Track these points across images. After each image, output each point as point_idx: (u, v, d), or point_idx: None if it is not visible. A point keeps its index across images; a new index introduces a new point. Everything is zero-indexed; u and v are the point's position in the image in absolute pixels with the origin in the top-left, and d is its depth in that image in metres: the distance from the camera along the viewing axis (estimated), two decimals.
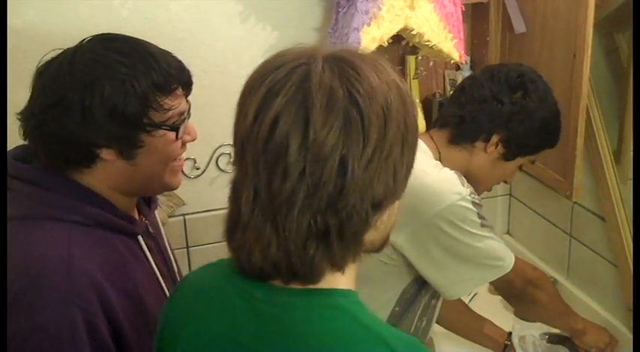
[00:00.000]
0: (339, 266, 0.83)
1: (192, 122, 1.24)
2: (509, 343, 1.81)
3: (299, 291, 0.84)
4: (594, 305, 1.95)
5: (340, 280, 0.86)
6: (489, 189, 1.64)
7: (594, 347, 1.76)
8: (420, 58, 2.00)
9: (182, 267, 2.02)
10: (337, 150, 0.76)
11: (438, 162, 1.49)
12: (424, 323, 1.60)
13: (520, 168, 1.62)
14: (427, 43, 1.83)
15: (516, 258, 1.52)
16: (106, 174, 1.16)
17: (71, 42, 1.17)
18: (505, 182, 1.69)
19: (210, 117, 1.94)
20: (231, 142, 1.90)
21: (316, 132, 0.76)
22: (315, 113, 0.76)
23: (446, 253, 1.43)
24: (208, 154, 1.99)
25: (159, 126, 1.15)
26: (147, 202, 1.33)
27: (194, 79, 1.63)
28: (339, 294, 0.85)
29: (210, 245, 2.05)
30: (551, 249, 2.15)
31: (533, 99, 1.49)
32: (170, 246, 1.40)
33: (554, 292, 1.74)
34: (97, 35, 1.17)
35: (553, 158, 1.86)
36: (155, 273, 1.25)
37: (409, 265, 1.47)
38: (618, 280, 1.82)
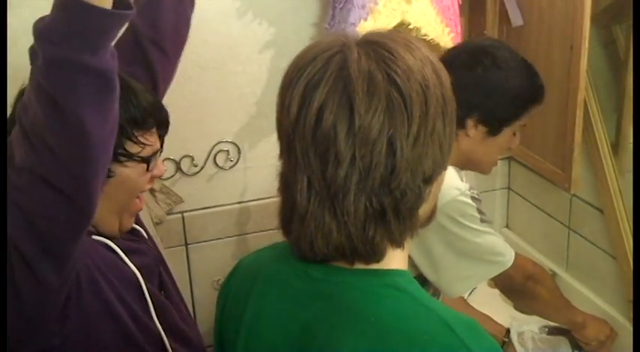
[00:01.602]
0: (398, 243, 0.86)
1: (160, 159, 1.27)
2: (507, 340, 1.81)
3: (357, 271, 0.87)
4: (593, 298, 1.95)
5: (398, 257, 0.89)
6: (495, 163, 1.61)
7: (594, 340, 1.76)
8: None
9: (181, 265, 2.04)
10: (384, 132, 0.79)
11: None
12: None
13: (514, 133, 1.57)
14: (424, 37, 1.82)
15: (516, 253, 1.53)
16: None
17: None
18: (510, 149, 1.65)
19: (208, 114, 1.94)
20: (228, 139, 1.92)
21: (362, 117, 0.78)
22: (358, 99, 0.78)
23: (447, 249, 1.43)
24: (206, 151, 1.98)
25: (131, 157, 1.17)
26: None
27: (191, 75, 1.63)
28: (396, 274, 0.88)
29: (208, 242, 2.04)
30: (550, 241, 2.15)
31: (493, 72, 1.47)
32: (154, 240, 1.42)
33: (554, 287, 1.74)
34: None
35: (551, 151, 1.86)
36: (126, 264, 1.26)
37: (411, 264, 1.47)
38: (617, 272, 1.82)
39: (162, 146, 1.25)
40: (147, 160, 1.20)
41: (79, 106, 0.92)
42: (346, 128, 0.79)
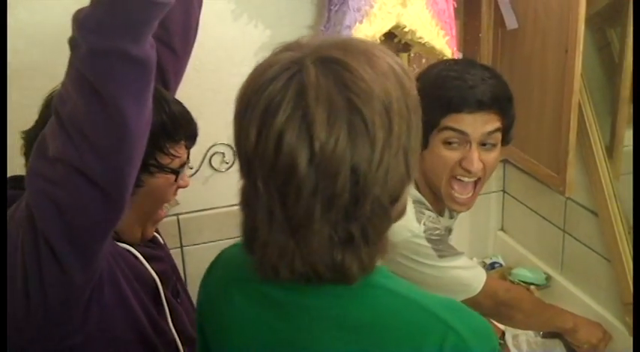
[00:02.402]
0: (368, 268, 0.83)
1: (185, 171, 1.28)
2: (502, 342, 1.81)
3: None
4: (588, 300, 1.95)
5: None
6: (447, 183, 1.48)
7: (587, 344, 1.76)
8: (412, 55, 1.99)
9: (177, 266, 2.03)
10: (346, 161, 0.75)
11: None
12: None
13: (449, 143, 1.44)
14: (419, 40, 1.83)
15: (491, 278, 1.51)
16: None
17: (64, 42, 1.16)
18: (467, 170, 1.45)
19: (203, 117, 1.93)
20: (224, 141, 1.91)
21: (322, 147, 0.75)
22: (317, 127, 0.75)
23: (403, 276, 1.44)
24: (201, 154, 1.98)
25: (162, 168, 1.19)
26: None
27: (186, 77, 1.63)
28: (366, 284, 0.86)
29: (204, 244, 2.04)
30: (544, 244, 2.16)
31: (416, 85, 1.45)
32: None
33: (533, 308, 1.69)
34: None
35: (546, 154, 1.87)
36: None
37: None
38: (612, 275, 1.82)
39: (188, 157, 1.27)
40: (176, 172, 1.21)
41: (121, 96, 0.93)
42: (307, 158, 0.75)
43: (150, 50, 0.95)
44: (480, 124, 1.40)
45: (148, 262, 1.27)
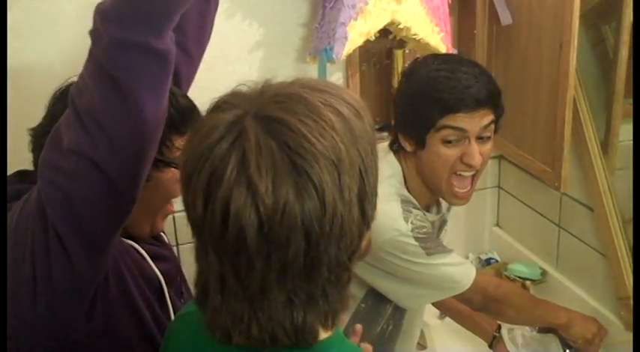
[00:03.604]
0: (330, 326, 0.81)
1: None
2: (497, 335, 1.82)
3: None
4: (583, 295, 1.96)
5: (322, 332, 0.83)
6: (447, 182, 1.49)
7: (581, 338, 1.76)
8: (407, 51, 2.00)
9: None
10: (297, 227, 0.72)
11: (393, 189, 1.48)
12: (391, 327, 1.59)
13: (448, 141, 1.44)
14: (414, 37, 1.83)
15: (481, 273, 1.51)
16: None
17: (58, 41, 1.16)
18: (469, 165, 1.46)
19: None
20: None
21: (270, 216, 0.71)
22: (264, 196, 0.71)
23: (390, 280, 1.45)
24: None
25: (169, 163, 1.17)
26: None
27: None
28: (321, 349, 0.82)
29: None
30: (540, 240, 2.16)
31: (405, 85, 1.48)
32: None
33: (525, 303, 1.69)
34: None
35: (541, 149, 1.87)
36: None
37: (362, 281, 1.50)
38: (607, 270, 1.83)
39: None
40: None
41: (139, 88, 0.93)
42: (256, 229, 0.71)
43: (170, 43, 0.95)
44: (477, 120, 1.42)
45: (153, 261, 1.26)
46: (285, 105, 0.76)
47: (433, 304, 1.80)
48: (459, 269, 1.50)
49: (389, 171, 1.49)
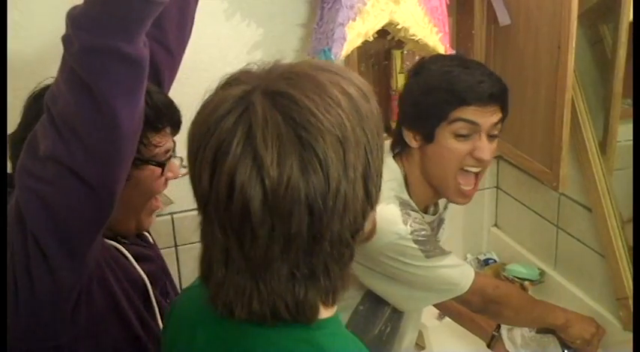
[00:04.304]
0: (331, 302, 0.82)
1: (174, 160, 1.26)
2: (497, 334, 1.82)
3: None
4: (582, 295, 1.96)
5: (329, 310, 0.84)
6: (455, 180, 1.49)
7: (580, 339, 1.76)
8: (405, 52, 2.00)
9: (171, 267, 2.02)
10: (301, 199, 0.73)
11: (393, 192, 1.47)
12: (389, 329, 1.59)
13: (460, 135, 1.45)
14: (412, 37, 1.83)
15: (480, 275, 1.51)
16: None
17: (58, 44, 1.16)
18: (480, 160, 1.46)
19: None
20: None
21: (274, 187, 0.72)
22: (268, 167, 0.72)
23: (389, 283, 1.45)
24: None
25: (147, 161, 1.17)
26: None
27: (179, 77, 1.63)
28: (317, 327, 0.82)
29: (198, 243, 2.03)
30: (538, 240, 2.16)
31: (414, 80, 1.48)
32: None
33: (523, 304, 1.69)
34: None
35: (539, 149, 1.87)
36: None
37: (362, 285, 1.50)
38: (605, 270, 1.83)
39: (174, 147, 1.24)
40: (162, 164, 1.20)
41: (113, 95, 0.92)
42: (260, 201, 0.73)
43: (143, 49, 0.95)
44: (488, 116, 1.43)
45: (137, 262, 1.26)
46: (293, 81, 0.77)
47: (437, 307, 1.80)
48: (458, 271, 1.50)
49: (387, 175, 1.49)
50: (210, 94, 0.82)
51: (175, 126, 1.23)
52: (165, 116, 1.19)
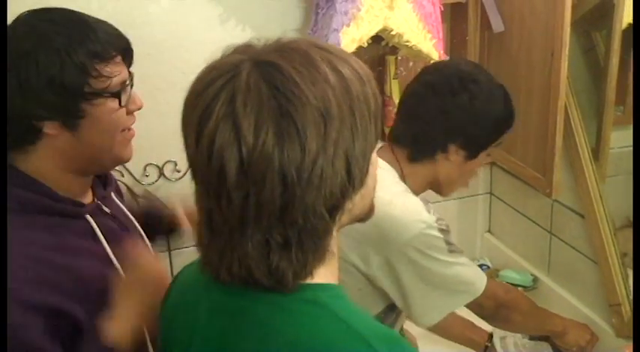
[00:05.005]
0: (304, 275, 0.82)
1: (136, 91, 1.22)
2: (489, 344, 1.82)
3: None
4: (575, 302, 1.96)
5: (325, 270, 0.85)
6: (466, 185, 1.61)
7: (575, 346, 1.77)
8: (399, 58, 2.00)
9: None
10: (274, 166, 0.74)
11: (403, 187, 1.48)
12: None
13: (488, 154, 1.57)
14: (406, 44, 1.83)
15: (489, 279, 1.52)
16: (51, 151, 1.14)
17: None
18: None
19: None
20: None
21: (249, 152, 0.74)
22: (245, 132, 0.74)
23: (416, 280, 1.43)
24: None
25: (99, 93, 1.13)
26: (103, 184, 1.32)
27: (175, 81, 1.63)
28: (319, 289, 0.84)
29: (191, 248, 2.03)
30: (531, 246, 2.17)
31: (480, 100, 1.46)
32: (139, 227, 1.39)
33: (530, 308, 1.71)
34: (31, 9, 1.16)
35: (532, 156, 1.88)
36: (105, 251, 1.22)
37: (382, 293, 1.48)
38: (598, 276, 1.83)
39: (132, 78, 1.21)
40: (117, 94, 1.16)
41: None
42: (236, 163, 0.75)
43: None
44: None
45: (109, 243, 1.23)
46: (285, 54, 0.79)
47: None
48: (473, 271, 1.50)
49: (389, 173, 1.50)
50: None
51: (126, 53, 1.19)
52: (112, 44, 1.15)
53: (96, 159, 1.19)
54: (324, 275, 0.85)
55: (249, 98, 0.75)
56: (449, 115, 1.46)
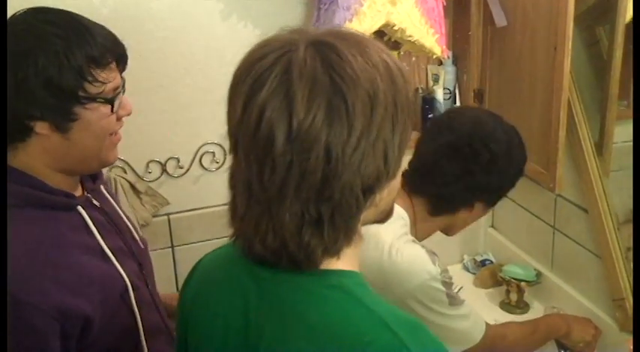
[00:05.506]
0: (332, 252, 0.84)
1: (127, 96, 1.24)
2: None
3: (304, 271, 0.86)
4: (578, 296, 1.96)
5: (347, 258, 0.87)
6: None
7: (581, 342, 1.77)
8: (402, 53, 2.00)
9: (167, 267, 2.04)
10: (321, 140, 0.77)
11: (408, 235, 1.47)
12: None
13: None
14: (409, 39, 1.83)
15: (489, 325, 1.53)
16: (41, 150, 1.15)
17: None
18: None
19: (193, 116, 1.94)
20: (214, 141, 1.90)
21: (300, 123, 0.76)
22: (297, 104, 0.76)
23: None
24: (192, 153, 1.98)
25: (94, 98, 1.15)
26: (92, 177, 1.33)
27: (177, 77, 1.63)
28: (343, 275, 0.87)
29: (195, 244, 2.04)
30: (535, 241, 2.17)
31: (501, 157, 1.47)
32: (129, 219, 1.40)
33: (528, 341, 1.70)
34: (29, 8, 1.16)
35: (536, 151, 1.87)
36: (99, 245, 1.23)
37: None
38: (601, 271, 1.83)
39: (124, 84, 1.22)
40: (111, 101, 1.18)
41: None
42: (285, 133, 0.77)
43: None
44: None
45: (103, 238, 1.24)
46: (341, 35, 0.83)
47: None
48: (472, 322, 1.50)
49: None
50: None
51: (121, 59, 1.21)
52: (110, 50, 1.17)
53: (83, 161, 1.21)
54: (349, 257, 0.88)
55: (304, 71, 0.77)
56: (473, 177, 1.47)
